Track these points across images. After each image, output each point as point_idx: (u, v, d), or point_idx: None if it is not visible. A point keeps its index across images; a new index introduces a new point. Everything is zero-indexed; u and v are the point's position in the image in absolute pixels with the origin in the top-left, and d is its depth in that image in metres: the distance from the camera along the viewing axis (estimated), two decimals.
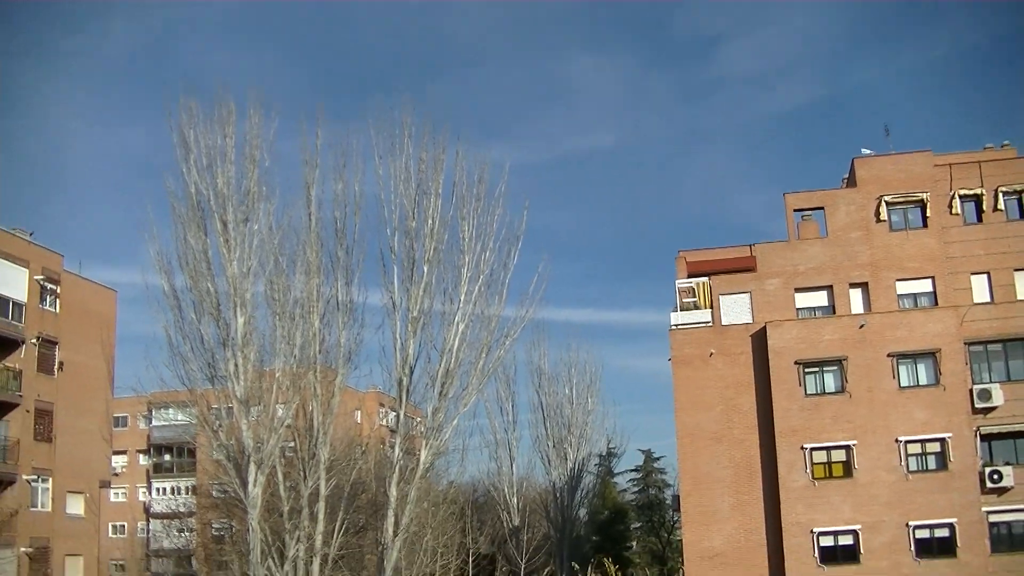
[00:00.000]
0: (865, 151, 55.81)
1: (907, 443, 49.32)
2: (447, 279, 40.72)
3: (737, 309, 53.61)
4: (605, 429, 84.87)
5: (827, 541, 49.34)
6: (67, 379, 64.34)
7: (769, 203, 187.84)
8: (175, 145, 38.52)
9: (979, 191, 52.95)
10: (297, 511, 39.35)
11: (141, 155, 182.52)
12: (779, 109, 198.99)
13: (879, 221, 53.49)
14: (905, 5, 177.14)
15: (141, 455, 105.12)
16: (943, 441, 49.00)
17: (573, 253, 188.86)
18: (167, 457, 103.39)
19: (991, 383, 49.49)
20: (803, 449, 49.84)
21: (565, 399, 77.84)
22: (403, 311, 40.11)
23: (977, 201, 53.21)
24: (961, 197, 53.11)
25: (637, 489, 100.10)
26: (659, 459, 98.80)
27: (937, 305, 51.76)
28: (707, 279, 54.59)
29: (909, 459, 49.32)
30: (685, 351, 52.93)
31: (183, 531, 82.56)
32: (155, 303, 38.46)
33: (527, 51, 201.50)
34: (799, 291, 53.67)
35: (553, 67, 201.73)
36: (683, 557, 52.59)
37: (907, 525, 48.54)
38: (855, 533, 49.01)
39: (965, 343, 49.82)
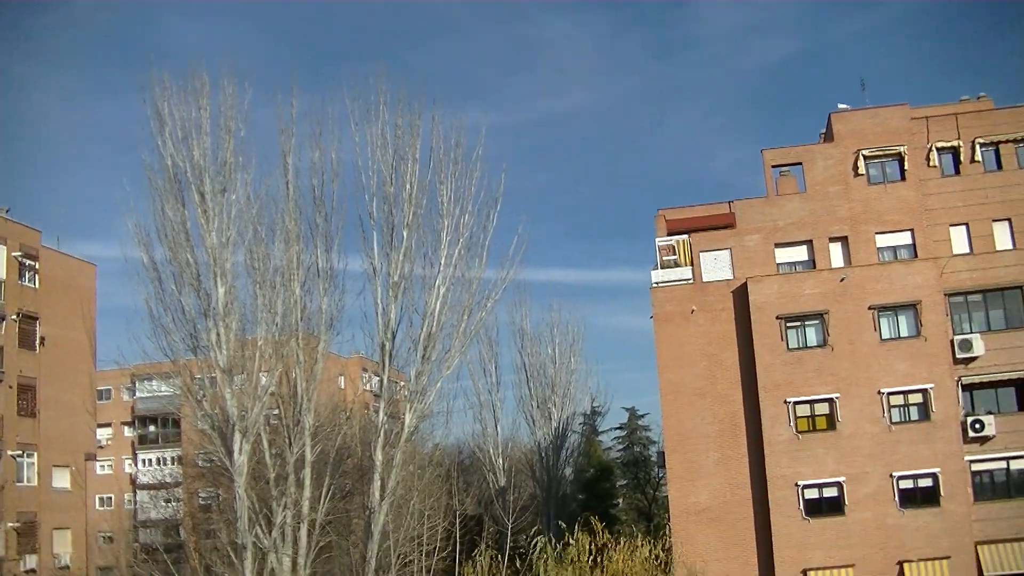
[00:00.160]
0: (842, 106, 55.82)
1: (889, 395, 49.65)
2: (427, 243, 40.71)
3: (718, 266, 53.62)
4: (589, 388, 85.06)
5: (812, 493, 49.68)
6: (49, 354, 64.29)
7: (747, 159, 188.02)
8: (150, 118, 38.33)
9: (956, 143, 52.97)
10: (283, 478, 39.41)
11: (117, 129, 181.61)
12: (756, 65, 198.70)
13: (857, 175, 53.49)
14: None
15: (126, 427, 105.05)
16: (925, 392, 49.35)
17: (553, 214, 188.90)
18: (152, 428, 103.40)
19: (972, 333, 49.77)
20: (786, 403, 50.09)
21: (548, 359, 78.02)
22: (384, 276, 40.09)
23: (954, 153, 53.25)
24: (938, 149, 53.10)
25: (622, 447, 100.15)
26: (643, 416, 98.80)
27: (917, 257, 51.88)
28: (687, 237, 54.58)
29: (892, 410, 49.64)
30: (667, 308, 52.99)
31: (170, 501, 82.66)
32: (135, 276, 38.33)
33: (501, 16, 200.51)
34: (779, 246, 53.68)
35: (527, 31, 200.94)
36: (669, 513, 52.74)
37: (891, 476, 48.91)
38: (839, 485, 49.36)
39: (945, 294, 50.07)
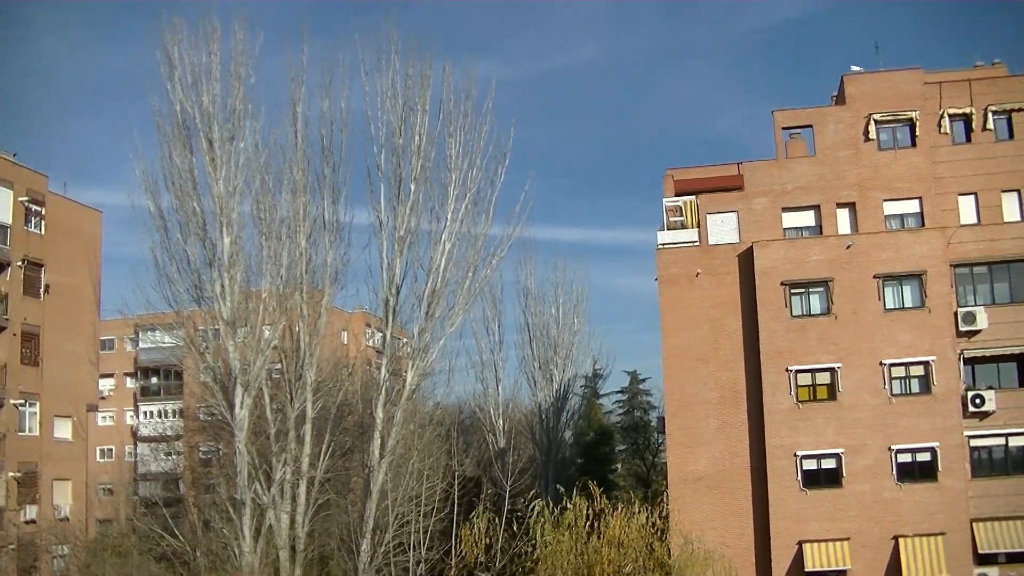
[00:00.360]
0: (855, 68, 55.25)
1: (891, 366, 49.41)
2: (434, 197, 40.74)
3: (724, 228, 53.32)
4: (591, 350, 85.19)
5: (810, 464, 49.55)
6: (53, 302, 63.99)
7: (757, 119, 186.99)
8: (160, 63, 38.28)
9: (968, 110, 52.48)
10: (284, 434, 39.54)
11: (126, 74, 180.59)
12: (768, 23, 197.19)
13: (868, 140, 53.02)
14: None
15: (128, 378, 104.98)
16: (927, 364, 49.10)
17: (560, 169, 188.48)
18: (154, 380, 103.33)
19: (976, 306, 49.47)
20: (788, 371, 49.91)
21: (551, 319, 78.06)
22: (390, 230, 40.09)
23: (966, 120, 52.74)
24: (950, 116, 52.59)
25: (622, 411, 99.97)
26: (645, 380, 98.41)
27: (924, 226, 51.50)
28: (694, 198, 54.19)
29: (893, 382, 49.43)
30: (672, 271, 52.76)
31: (170, 454, 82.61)
32: (141, 224, 38.47)
33: None
34: (786, 211, 53.29)
35: None
36: (667, 480, 52.71)
37: (889, 448, 48.75)
38: (838, 456, 49.22)
39: (951, 265, 49.74)
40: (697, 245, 53.28)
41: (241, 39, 38.32)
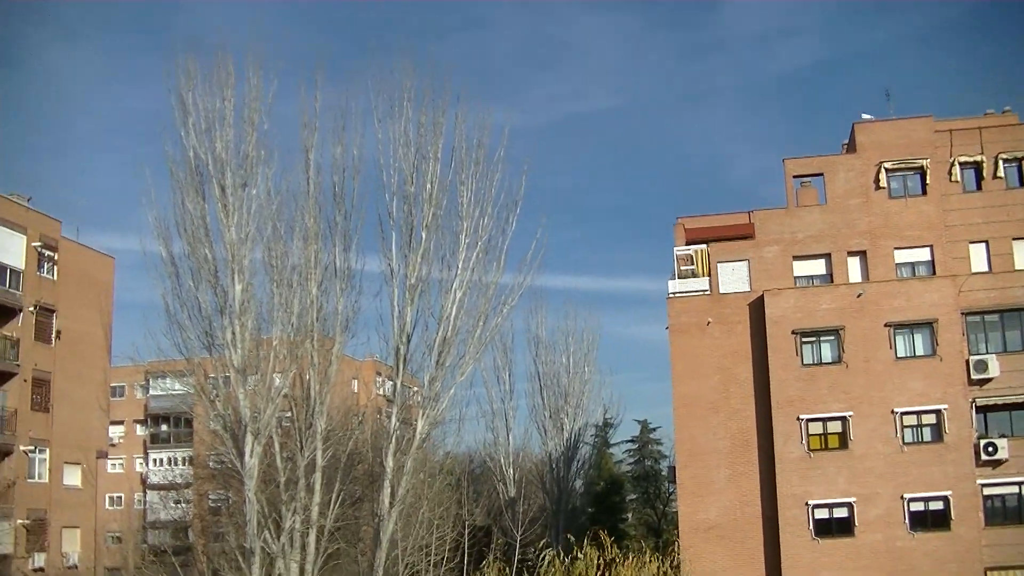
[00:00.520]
0: (866, 116, 55.51)
1: (903, 414, 49.34)
2: (445, 245, 40.51)
3: (735, 277, 53.38)
4: (602, 399, 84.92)
5: (822, 513, 49.37)
6: (65, 348, 64.19)
7: (768, 167, 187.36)
8: (174, 108, 38.24)
9: (979, 158, 52.61)
10: (294, 482, 39.24)
11: (141, 119, 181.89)
12: (780, 71, 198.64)
13: (878, 188, 53.15)
14: None
15: (138, 425, 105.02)
16: (939, 413, 48.99)
17: (572, 217, 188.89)
18: (164, 427, 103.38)
19: (988, 354, 49.43)
20: (799, 420, 49.82)
21: (562, 368, 77.81)
22: (401, 278, 39.91)
23: (977, 168, 52.88)
24: (961, 164, 52.77)
25: (633, 460, 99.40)
26: (655, 429, 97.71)
27: (935, 274, 51.55)
28: (705, 246, 54.36)
29: (905, 431, 49.33)
30: (682, 319, 52.79)
31: (180, 502, 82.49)
32: (153, 270, 38.25)
33: (528, 12, 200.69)
34: (797, 259, 53.41)
35: (554, 28, 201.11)
36: (678, 529, 52.48)
37: (902, 497, 48.58)
38: (850, 505, 49.04)
39: (962, 313, 49.75)
40: (708, 294, 53.31)
41: (255, 85, 38.23)
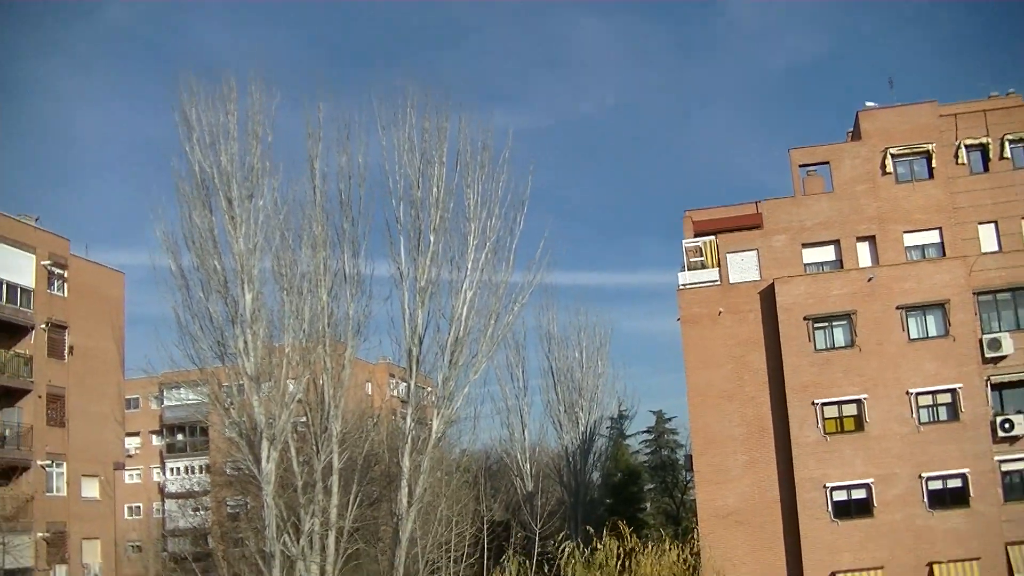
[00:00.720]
0: (869, 104, 55.47)
1: (918, 395, 49.25)
2: (454, 247, 40.76)
3: (744, 267, 53.42)
4: (616, 391, 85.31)
5: (840, 495, 49.33)
6: (78, 363, 64.40)
7: (774, 158, 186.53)
8: (178, 124, 38.48)
9: (985, 140, 52.57)
10: (311, 485, 39.44)
11: (146, 135, 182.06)
12: (783, 63, 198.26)
13: (885, 174, 53.19)
14: None
15: (154, 436, 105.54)
16: (954, 392, 48.93)
17: (580, 216, 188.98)
18: (180, 437, 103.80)
19: (1000, 332, 49.35)
20: (814, 404, 49.78)
21: (575, 363, 77.96)
22: (411, 281, 40.14)
23: (983, 150, 52.83)
24: (967, 147, 52.72)
25: (649, 450, 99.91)
26: (671, 419, 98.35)
27: (945, 256, 51.53)
28: (714, 238, 54.35)
29: (920, 411, 49.23)
30: (694, 310, 52.82)
31: (198, 510, 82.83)
32: (163, 283, 38.53)
33: (528, 15, 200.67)
34: (806, 247, 53.44)
35: (555, 29, 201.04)
36: (697, 517, 52.53)
37: (920, 477, 48.51)
38: (868, 487, 49.01)
39: (974, 293, 49.67)
40: (718, 284, 53.31)
41: (257, 99, 38.50)
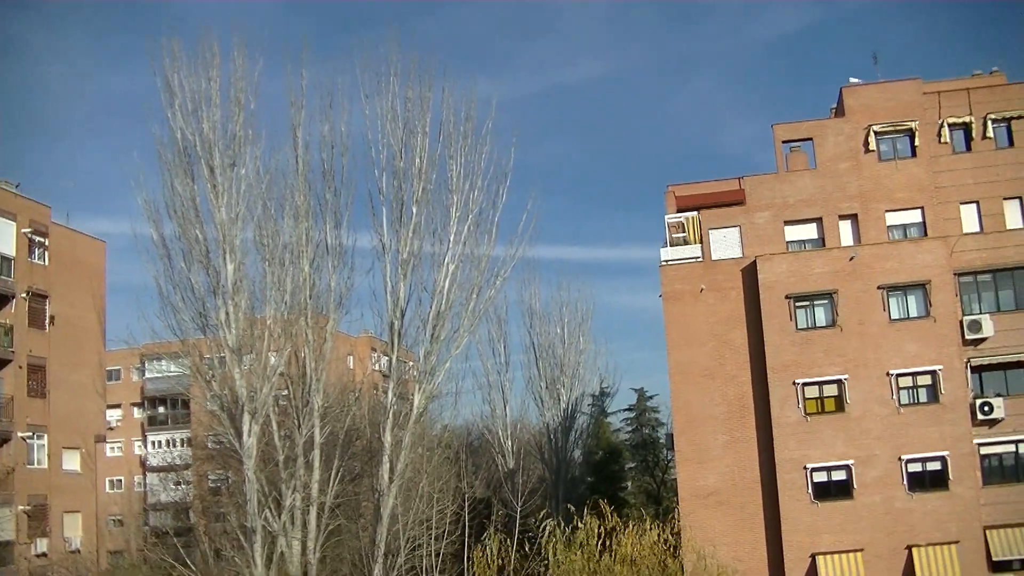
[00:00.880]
0: (853, 80, 55.41)
1: (898, 376, 49.31)
2: (436, 219, 40.65)
3: (727, 243, 53.34)
4: (597, 368, 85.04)
5: (820, 476, 49.41)
6: (59, 333, 64.03)
7: (757, 133, 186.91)
8: (160, 90, 38.20)
9: (968, 119, 52.53)
10: (292, 460, 39.39)
11: (127, 101, 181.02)
12: (768, 36, 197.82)
13: (868, 151, 53.09)
14: None
15: (135, 408, 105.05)
16: (934, 373, 49.02)
17: (562, 187, 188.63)
18: (161, 409, 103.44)
19: (981, 314, 49.41)
20: (795, 384, 49.82)
21: (557, 339, 77.89)
22: (393, 253, 40.01)
23: (966, 129, 52.81)
24: (950, 125, 52.67)
25: (631, 428, 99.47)
26: (652, 397, 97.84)
27: (927, 236, 51.55)
28: (696, 213, 54.29)
29: (901, 392, 49.30)
30: (675, 287, 52.71)
31: (180, 484, 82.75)
32: (145, 253, 38.28)
33: None
34: (789, 224, 53.36)
35: None
36: (678, 496, 52.59)
37: (899, 459, 48.62)
38: (848, 468, 49.10)
39: (955, 274, 49.73)
40: (700, 261, 53.22)
41: (240, 64, 38.22)
